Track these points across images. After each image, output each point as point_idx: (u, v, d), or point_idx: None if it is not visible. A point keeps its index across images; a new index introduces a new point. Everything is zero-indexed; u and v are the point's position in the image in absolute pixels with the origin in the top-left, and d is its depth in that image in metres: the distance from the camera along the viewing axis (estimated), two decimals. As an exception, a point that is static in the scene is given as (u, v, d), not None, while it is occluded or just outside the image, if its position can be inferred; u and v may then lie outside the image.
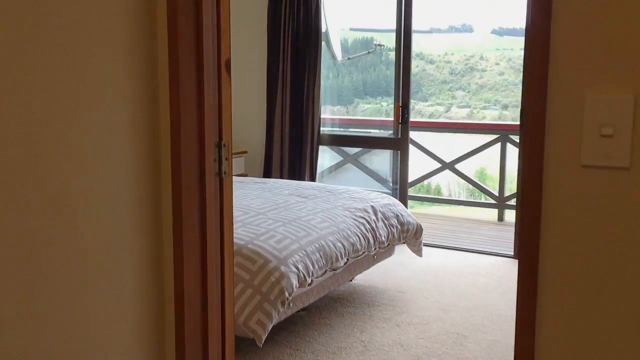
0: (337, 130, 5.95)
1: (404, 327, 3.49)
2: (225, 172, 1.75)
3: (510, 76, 10.42)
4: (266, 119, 5.48)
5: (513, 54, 10.18)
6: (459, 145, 7.10)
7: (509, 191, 6.40)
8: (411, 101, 5.30)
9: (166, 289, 1.68)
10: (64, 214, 1.39)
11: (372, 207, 3.79)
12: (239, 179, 4.61)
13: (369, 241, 3.53)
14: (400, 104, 5.23)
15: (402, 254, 4.51)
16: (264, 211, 3.44)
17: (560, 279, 1.27)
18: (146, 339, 1.65)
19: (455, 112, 10.60)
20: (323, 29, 5.41)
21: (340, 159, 6.06)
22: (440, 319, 3.62)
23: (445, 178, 7.85)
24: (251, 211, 3.42)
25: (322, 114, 5.49)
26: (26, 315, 1.33)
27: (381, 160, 5.88)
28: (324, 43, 5.46)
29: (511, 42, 10.13)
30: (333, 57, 5.86)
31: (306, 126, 5.35)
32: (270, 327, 2.77)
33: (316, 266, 3.05)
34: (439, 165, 6.59)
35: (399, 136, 5.32)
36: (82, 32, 1.40)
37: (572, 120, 1.22)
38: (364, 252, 3.51)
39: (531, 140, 1.25)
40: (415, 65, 8.57)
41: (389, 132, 5.62)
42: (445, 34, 10.61)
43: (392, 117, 5.38)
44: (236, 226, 3.11)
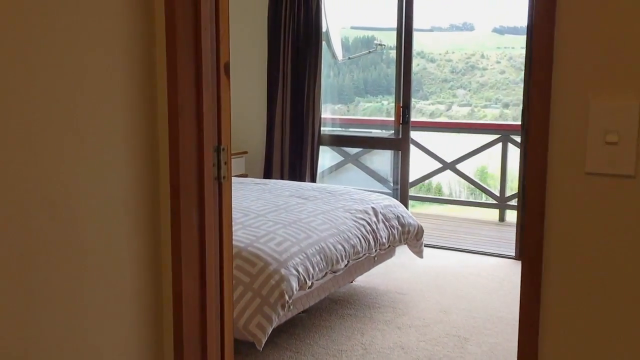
0: (337, 130, 5.93)
1: (405, 329, 3.47)
2: (224, 177, 1.73)
3: (511, 75, 10.39)
4: (266, 119, 5.46)
5: (514, 52, 10.15)
6: (460, 145, 7.08)
7: (509, 190, 6.38)
8: (412, 100, 5.28)
9: (164, 292, 1.67)
10: (63, 218, 1.38)
11: (372, 208, 3.77)
12: (239, 179, 4.59)
13: (369, 243, 3.52)
14: (401, 104, 5.21)
15: (402, 255, 4.49)
16: (264, 213, 3.42)
17: (564, 284, 1.25)
18: (144, 342, 1.64)
19: (456, 110, 10.57)
20: (324, 29, 5.39)
21: (341, 158, 6.04)
22: (441, 321, 3.60)
23: (446, 177, 7.82)
24: (251, 213, 3.40)
25: (322, 114, 5.47)
26: (25, 316, 1.32)
27: (382, 160, 5.86)
28: (324, 42, 5.44)
29: (512, 40, 10.10)
30: (334, 56, 5.84)
31: (307, 126, 5.33)
32: (270, 331, 2.75)
33: (316, 269, 3.04)
34: (439, 165, 6.57)
35: (400, 136, 5.30)
36: (79, 36, 1.38)
37: (577, 127, 1.20)
38: (364, 254, 3.49)
39: (535, 147, 1.23)
40: (416, 64, 8.54)
41: (389, 132, 5.60)
42: (446, 32, 10.58)
43: (393, 116, 5.36)
44: (236, 228, 3.09)
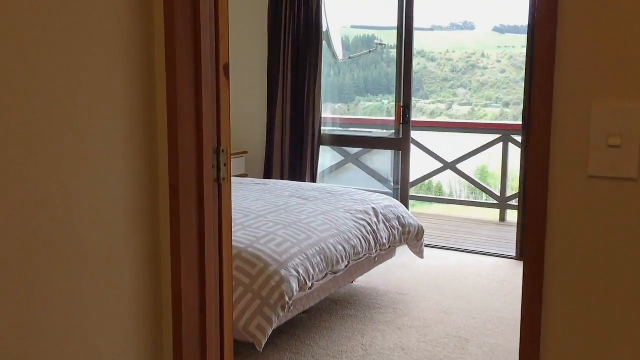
0: (338, 130, 5.92)
1: (406, 330, 3.46)
2: (224, 179, 1.72)
3: (512, 74, 10.37)
4: (267, 118, 5.45)
5: (515, 51, 10.13)
6: (461, 144, 7.07)
7: (510, 190, 6.37)
8: (412, 99, 5.26)
9: (164, 293, 1.66)
10: (62, 219, 1.38)
11: (373, 209, 3.76)
12: (239, 180, 4.58)
13: (370, 244, 3.51)
14: (402, 104, 5.20)
15: (403, 255, 4.48)
16: (264, 213, 3.41)
17: (566, 287, 1.25)
18: (144, 343, 1.63)
19: (457, 109, 10.56)
20: (324, 28, 5.38)
21: (341, 158, 6.03)
22: (441, 322, 3.59)
23: (447, 176, 7.81)
24: (251, 214, 3.39)
25: (323, 113, 5.46)
26: (24, 316, 1.32)
27: (382, 160, 5.85)
28: (324, 42, 5.43)
29: (513, 39, 10.08)
30: (334, 56, 5.83)
31: (307, 126, 5.32)
32: (270, 332, 2.74)
33: (317, 269, 3.03)
34: (440, 164, 6.56)
35: (401, 136, 5.29)
36: (78, 37, 1.37)
37: (579, 130, 1.19)
38: (365, 255, 3.48)
39: (537, 150, 1.22)
40: (416, 63, 8.52)
41: (390, 132, 5.59)
42: (447, 31, 10.56)
43: (394, 115, 5.35)
44: (236, 229, 3.08)
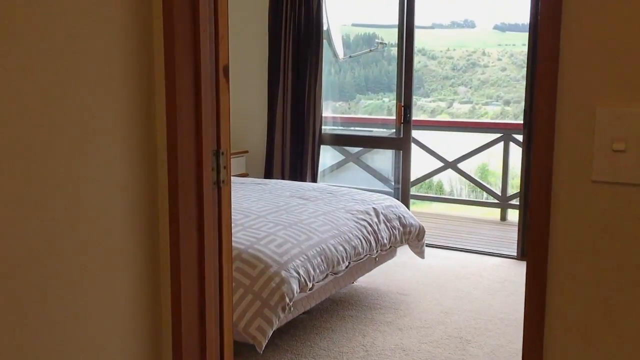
0: (338, 129, 5.90)
1: (406, 331, 3.45)
2: (223, 181, 1.71)
3: (513, 72, 10.35)
4: (267, 118, 5.43)
5: (515, 49, 10.11)
6: (462, 143, 7.05)
7: (511, 190, 6.35)
8: (413, 97, 5.24)
9: (163, 296, 1.65)
10: (61, 222, 1.37)
11: (374, 209, 3.74)
12: (239, 179, 4.57)
13: (370, 244, 3.49)
14: (403, 104, 5.18)
15: (404, 255, 4.46)
16: (265, 214, 3.40)
17: (569, 291, 1.23)
18: (143, 344, 1.62)
19: (457, 108, 10.55)
20: (325, 27, 5.36)
21: (342, 157, 6.02)
22: (442, 322, 3.58)
23: (447, 175, 7.80)
24: (252, 214, 3.37)
25: (323, 112, 5.44)
26: (23, 317, 1.31)
27: (383, 159, 5.83)
28: (325, 41, 5.41)
29: (513, 37, 10.06)
30: (335, 55, 5.81)
31: (307, 125, 5.30)
32: (271, 333, 2.73)
33: (317, 270, 3.01)
34: (441, 163, 6.55)
35: (401, 136, 5.27)
36: (73, 39, 1.36)
37: (583, 135, 1.18)
38: (365, 255, 3.47)
39: (540, 155, 1.21)
40: (417, 61, 8.50)
41: (391, 131, 5.57)
42: (447, 29, 10.54)
43: (394, 114, 5.33)
44: (236, 230, 3.07)
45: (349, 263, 3.29)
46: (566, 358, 1.26)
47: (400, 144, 5.31)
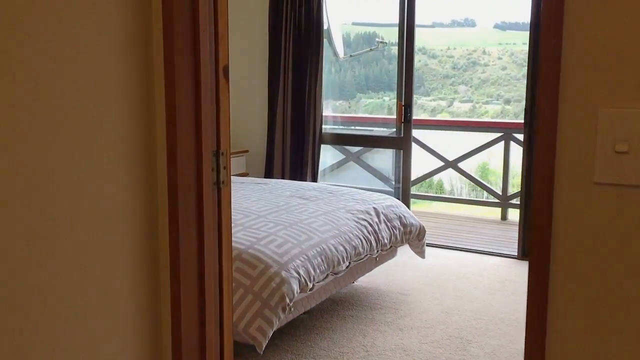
0: (339, 128, 5.89)
1: (407, 331, 3.44)
2: (223, 182, 1.70)
3: (513, 71, 10.34)
4: (267, 117, 5.43)
5: (516, 48, 10.09)
6: (462, 142, 7.04)
7: (511, 187, 6.34)
8: (413, 96, 5.23)
9: (162, 297, 1.65)
10: (60, 223, 1.36)
11: (374, 208, 3.73)
12: (240, 179, 4.56)
13: (371, 244, 3.48)
14: (403, 103, 5.17)
15: (404, 255, 4.46)
16: (265, 214, 3.39)
17: (571, 295, 1.23)
18: (142, 345, 1.62)
19: (458, 106, 10.53)
20: (325, 26, 5.35)
21: (342, 156, 6.01)
22: (443, 322, 3.57)
23: (448, 174, 7.79)
24: (252, 214, 3.37)
25: (324, 111, 5.43)
26: (21, 317, 1.30)
27: (384, 158, 5.83)
28: (326, 40, 5.40)
29: (514, 36, 10.05)
30: (335, 54, 5.80)
31: (308, 125, 5.29)
32: (271, 334, 2.73)
33: (317, 271, 3.01)
34: (441, 163, 6.54)
35: (402, 135, 5.26)
36: (73, 39, 1.35)
37: (585, 136, 1.17)
38: (366, 255, 3.46)
39: (542, 156, 1.20)
40: (417, 60, 8.49)
41: (391, 130, 5.56)
42: (448, 28, 10.53)
43: (395, 112, 5.32)
44: (236, 230, 3.06)
45: (349, 263, 3.28)
46: (568, 359, 1.26)
47: (400, 143, 5.30)
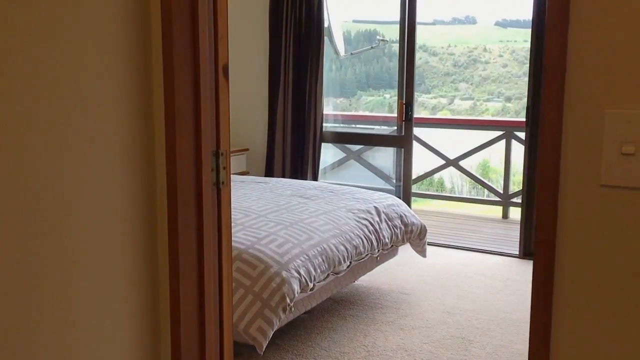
0: (340, 126, 5.88)
1: (408, 330, 3.43)
2: (223, 182, 1.68)
3: (514, 68, 10.32)
4: (268, 115, 5.41)
5: (517, 45, 10.08)
6: (463, 140, 7.02)
7: (513, 187, 6.32)
8: (414, 94, 5.21)
9: (162, 298, 1.63)
10: (59, 223, 1.35)
11: (375, 208, 3.71)
12: (240, 178, 4.54)
13: (372, 243, 3.47)
14: (404, 101, 5.15)
15: (405, 254, 4.44)
16: (265, 213, 3.37)
17: (576, 296, 1.21)
18: (141, 346, 1.60)
19: (458, 104, 10.52)
20: (325, 24, 5.32)
21: (343, 155, 5.99)
22: (444, 322, 3.55)
23: (448, 172, 7.78)
24: (252, 213, 3.35)
25: (324, 109, 5.41)
26: (19, 318, 1.29)
27: (384, 156, 5.81)
28: (326, 38, 5.38)
29: (515, 33, 10.03)
30: (336, 52, 5.78)
31: (308, 123, 5.27)
32: (272, 334, 2.71)
33: (318, 270, 2.99)
34: (442, 161, 6.52)
35: (403, 133, 5.24)
36: (71, 39, 1.34)
37: (591, 138, 1.15)
38: (367, 255, 3.44)
39: (547, 158, 1.18)
40: (418, 57, 8.47)
41: (392, 129, 5.54)
42: (449, 25, 10.51)
43: (395, 110, 5.30)
44: (236, 229, 3.05)
45: (350, 263, 3.27)
46: (573, 359, 1.24)
47: (401, 141, 5.27)
